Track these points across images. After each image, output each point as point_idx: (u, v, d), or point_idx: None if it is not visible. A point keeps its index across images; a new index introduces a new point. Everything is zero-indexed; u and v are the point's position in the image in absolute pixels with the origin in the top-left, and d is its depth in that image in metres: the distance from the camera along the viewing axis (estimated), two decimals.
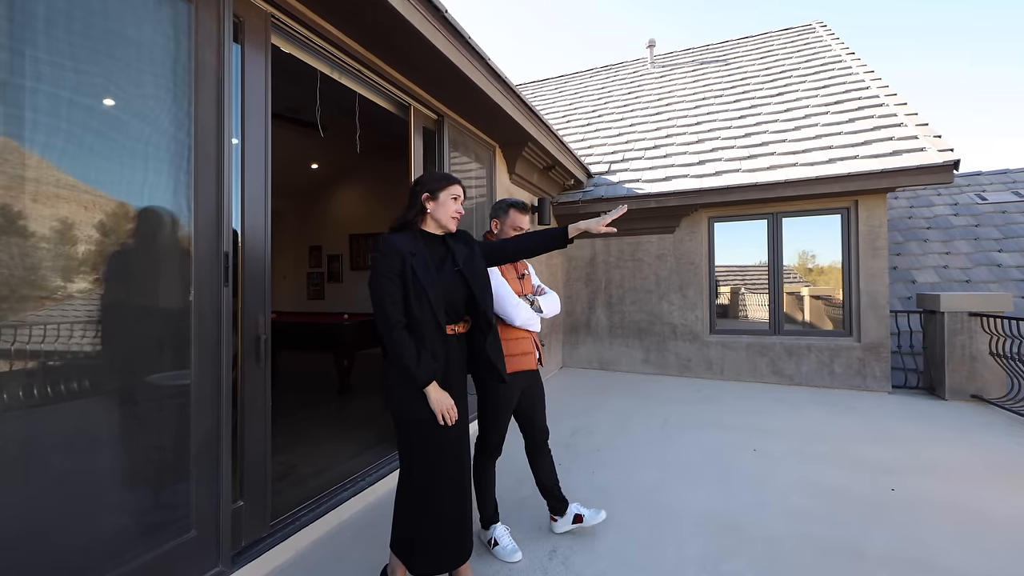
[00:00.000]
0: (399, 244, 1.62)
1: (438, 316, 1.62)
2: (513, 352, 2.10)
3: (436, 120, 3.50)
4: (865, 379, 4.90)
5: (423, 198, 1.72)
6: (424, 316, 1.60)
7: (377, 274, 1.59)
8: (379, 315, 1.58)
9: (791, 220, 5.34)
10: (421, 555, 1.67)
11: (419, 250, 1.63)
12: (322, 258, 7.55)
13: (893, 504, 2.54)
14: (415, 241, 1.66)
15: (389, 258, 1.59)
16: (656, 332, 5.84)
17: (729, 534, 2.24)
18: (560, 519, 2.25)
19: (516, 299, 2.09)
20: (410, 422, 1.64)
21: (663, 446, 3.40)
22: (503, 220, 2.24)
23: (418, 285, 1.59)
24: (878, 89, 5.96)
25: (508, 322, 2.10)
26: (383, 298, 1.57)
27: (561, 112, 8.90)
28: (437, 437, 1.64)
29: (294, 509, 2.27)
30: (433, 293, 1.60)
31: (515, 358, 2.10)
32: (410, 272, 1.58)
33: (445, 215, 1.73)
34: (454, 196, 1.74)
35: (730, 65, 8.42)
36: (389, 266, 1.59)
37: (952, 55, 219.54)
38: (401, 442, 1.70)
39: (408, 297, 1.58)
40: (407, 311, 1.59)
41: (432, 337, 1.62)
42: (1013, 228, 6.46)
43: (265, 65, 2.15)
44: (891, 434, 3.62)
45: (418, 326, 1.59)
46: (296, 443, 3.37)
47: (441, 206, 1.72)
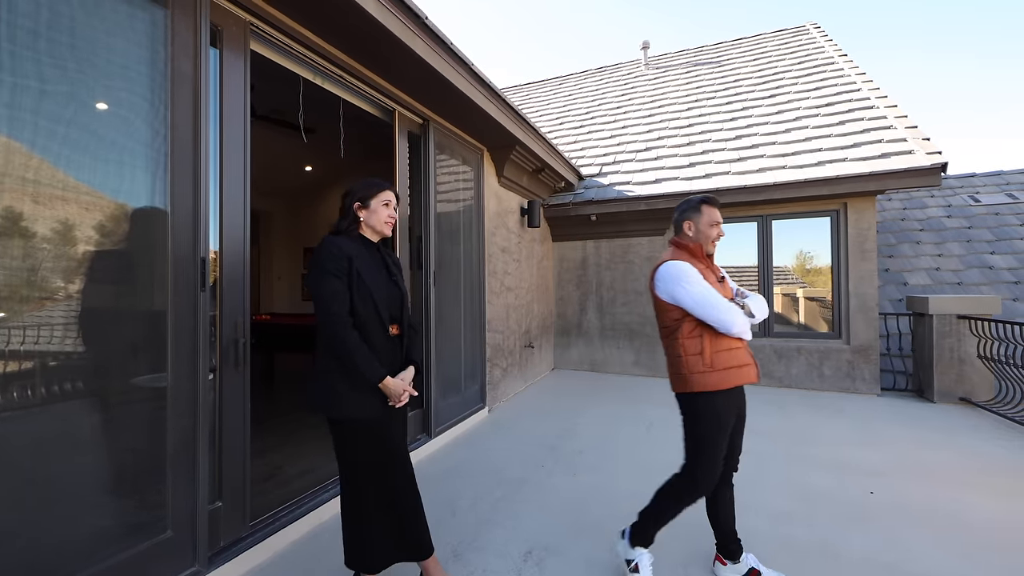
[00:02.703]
0: (344, 245, 1.66)
1: (383, 316, 1.68)
2: (728, 364, 1.80)
3: (421, 124, 3.53)
4: (854, 381, 4.91)
5: (355, 208, 1.75)
6: (369, 316, 1.65)
7: (324, 272, 1.61)
8: (325, 313, 1.59)
9: (780, 222, 5.36)
10: (380, 553, 1.72)
11: (360, 254, 1.68)
12: None
13: (875, 507, 2.55)
14: (355, 245, 1.70)
15: (336, 258, 1.62)
16: (647, 334, 5.86)
17: (708, 537, 2.25)
18: (730, 564, 1.95)
19: (729, 304, 1.78)
20: (356, 422, 1.66)
21: (647, 449, 3.42)
22: (697, 220, 1.90)
23: (364, 286, 1.63)
24: (869, 91, 5.98)
25: (723, 331, 1.78)
26: (330, 297, 1.59)
27: (555, 114, 8.93)
28: (383, 433, 1.69)
29: (275, 510, 2.30)
30: (378, 294, 1.67)
31: (732, 371, 1.80)
32: (355, 274, 1.63)
33: (379, 221, 1.76)
34: (385, 202, 1.77)
35: (724, 66, 8.44)
36: (337, 266, 1.61)
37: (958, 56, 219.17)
38: (343, 446, 1.70)
39: (352, 298, 1.62)
40: (352, 311, 1.62)
41: (377, 337, 1.67)
42: (1005, 230, 6.47)
43: (244, 71, 2.18)
44: (878, 437, 3.63)
45: (363, 326, 1.63)
46: (284, 444, 3.40)
47: (373, 213, 1.75)
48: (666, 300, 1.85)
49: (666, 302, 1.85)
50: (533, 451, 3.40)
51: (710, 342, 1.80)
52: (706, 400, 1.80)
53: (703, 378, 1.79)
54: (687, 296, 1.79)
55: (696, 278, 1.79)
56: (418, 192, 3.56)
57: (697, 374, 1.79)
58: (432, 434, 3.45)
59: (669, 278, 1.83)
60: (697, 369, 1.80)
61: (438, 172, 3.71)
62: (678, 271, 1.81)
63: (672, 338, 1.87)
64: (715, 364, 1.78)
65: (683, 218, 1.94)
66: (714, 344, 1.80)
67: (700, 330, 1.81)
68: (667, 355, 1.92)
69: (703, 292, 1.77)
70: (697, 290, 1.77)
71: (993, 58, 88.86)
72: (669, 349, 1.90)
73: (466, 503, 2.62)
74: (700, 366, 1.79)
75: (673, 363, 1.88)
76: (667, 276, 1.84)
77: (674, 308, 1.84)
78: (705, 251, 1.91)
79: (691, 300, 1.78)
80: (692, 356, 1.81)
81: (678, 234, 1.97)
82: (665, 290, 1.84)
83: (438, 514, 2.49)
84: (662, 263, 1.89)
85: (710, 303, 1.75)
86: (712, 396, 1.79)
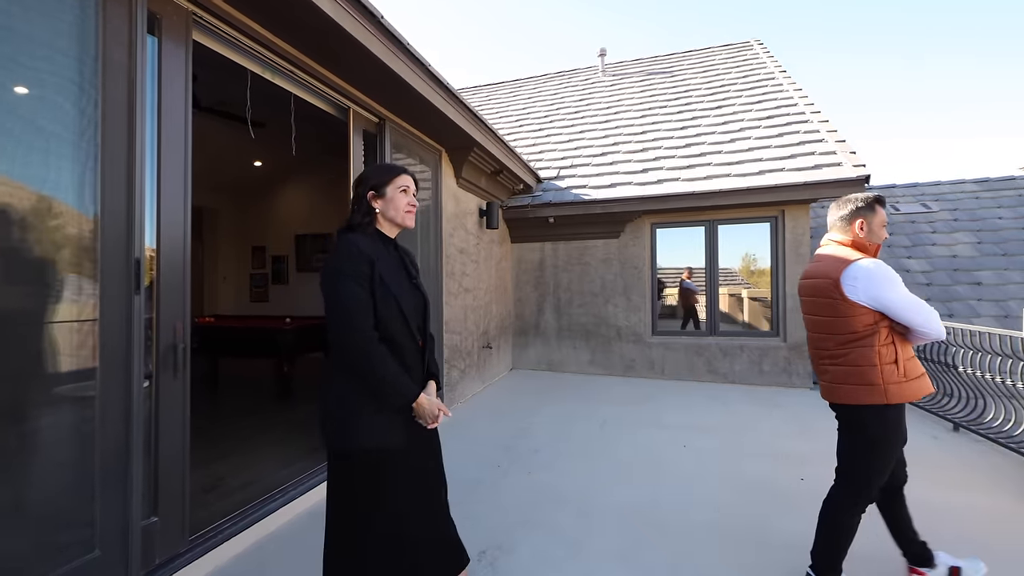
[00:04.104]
0: (366, 245, 1.40)
1: (411, 328, 1.44)
2: (917, 373, 1.71)
3: (377, 123, 3.47)
4: (790, 376, 5.26)
5: (369, 197, 1.48)
6: (397, 328, 1.40)
7: (342, 276, 1.34)
8: (346, 326, 1.32)
9: (726, 227, 5.66)
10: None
11: (381, 254, 1.43)
12: (266, 259, 7.27)
13: (803, 493, 2.75)
14: (374, 244, 1.44)
15: (356, 260, 1.35)
16: (602, 334, 6.02)
17: (651, 527, 2.37)
18: (929, 572, 1.88)
19: (931, 307, 1.69)
20: (379, 453, 1.37)
21: (600, 446, 3.53)
22: (870, 219, 1.80)
23: (388, 293, 1.38)
24: (805, 106, 6.41)
25: (929, 337, 1.68)
26: (353, 307, 1.32)
27: (514, 116, 9.00)
28: (413, 463, 1.43)
29: (217, 523, 2.20)
30: (405, 303, 1.42)
31: (921, 380, 1.72)
32: (379, 279, 1.37)
33: (398, 212, 1.49)
34: (402, 188, 1.50)
35: (675, 77, 8.79)
36: (357, 269, 1.34)
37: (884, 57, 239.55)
38: (361, 484, 1.38)
39: (377, 307, 1.36)
40: (376, 323, 1.37)
41: (407, 351, 1.42)
42: (920, 237, 7.11)
43: (185, 62, 2.08)
44: (809, 427, 3.92)
45: (390, 339, 1.38)
46: (229, 453, 3.26)
47: (390, 203, 1.49)
48: (862, 302, 1.68)
49: (860, 305, 1.68)
50: (489, 452, 3.43)
51: (902, 350, 1.70)
52: (896, 411, 1.72)
53: (899, 389, 1.68)
54: (897, 299, 1.65)
55: (900, 280, 1.68)
56: None
57: (893, 384, 1.68)
58: None
59: (873, 278, 1.66)
60: (893, 379, 1.68)
61: None
62: (884, 271, 1.67)
63: (862, 345, 1.71)
64: (908, 373, 1.69)
65: (856, 216, 1.82)
66: (904, 352, 1.70)
67: (892, 337, 1.70)
68: (844, 364, 1.75)
69: (911, 295, 1.67)
70: (905, 292, 1.66)
71: (916, 59, 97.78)
72: (858, 358, 1.72)
73: None
74: (895, 376, 1.68)
75: (861, 373, 1.71)
76: (870, 276, 1.67)
77: (868, 312, 1.68)
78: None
79: (901, 303, 1.65)
80: (887, 365, 1.68)
81: (842, 232, 1.85)
82: (866, 291, 1.67)
83: None
84: (851, 263, 1.71)
85: (919, 306, 1.65)
86: (901, 407, 1.72)
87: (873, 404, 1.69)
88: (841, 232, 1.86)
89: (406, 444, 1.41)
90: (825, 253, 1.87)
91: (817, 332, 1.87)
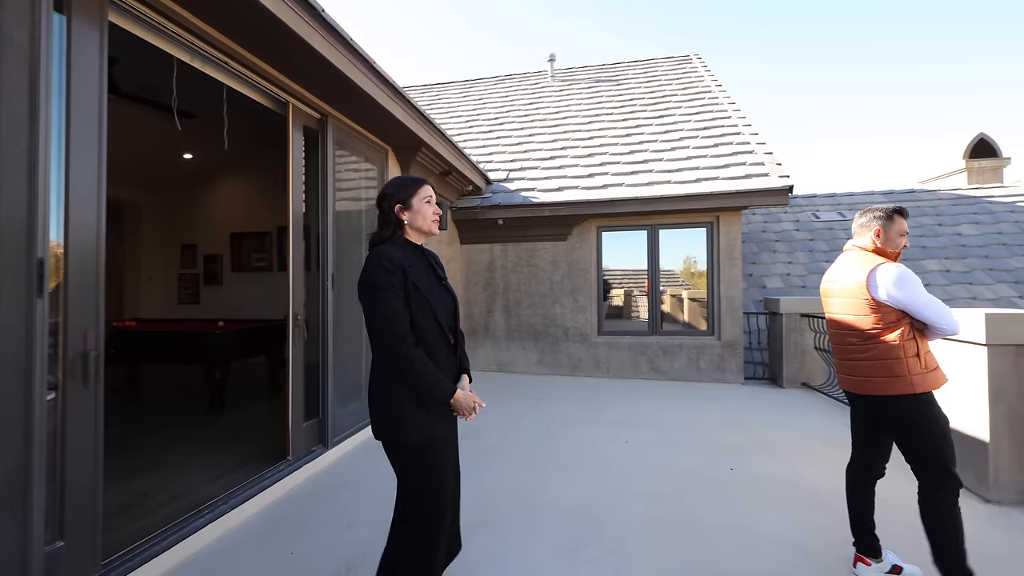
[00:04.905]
0: (398, 256, 1.52)
1: (444, 328, 1.58)
2: (935, 365, 1.90)
3: (319, 119, 3.35)
4: (724, 373, 5.61)
5: (396, 211, 1.60)
6: (431, 330, 1.54)
7: (379, 290, 1.47)
8: (388, 336, 1.46)
9: (666, 231, 5.94)
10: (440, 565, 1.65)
11: (412, 262, 1.56)
12: (197, 258, 6.81)
13: (732, 482, 2.94)
14: (405, 253, 1.57)
15: (392, 272, 1.48)
16: (550, 334, 6.14)
17: (592, 522, 2.45)
18: (874, 564, 2.02)
19: (947, 306, 1.87)
20: (425, 443, 1.54)
21: (546, 444, 3.60)
22: (888, 227, 1.98)
23: (421, 297, 1.52)
24: (738, 119, 6.86)
25: (947, 333, 1.87)
26: (392, 316, 1.46)
27: (465, 117, 8.97)
28: (446, 452, 1.61)
29: (135, 543, 2.04)
30: (436, 305, 1.56)
31: (939, 371, 1.90)
32: (412, 286, 1.50)
33: (425, 221, 1.62)
34: (427, 199, 1.63)
35: (621, 85, 9.12)
36: (392, 281, 1.48)
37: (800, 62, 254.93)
38: (414, 469, 1.56)
39: (413, 313, 1.50)
40: (412, 327, 1.50)
41: (440, 351, 1.57)
42: (837, 242, 7.80)
43: (100, 44, 1.91)
44: (740, 420, 4.19)
45: (425, 341, 1.52)
46: (152, 467, 3.02)
47: (418, 214, 1.61)
48: (886, 302, 1.87)
49: (884, 304, 1.88)
50: None
51: (921, 344, 1.89)
52: (928, 398, 1.88)
53: (922, 379, 1.86)
54: (917, 298, 1.84)
55: (919, 281, 1.87)
56: (315, 189, 3.37)
57: (917, 375, 1.85)
58: (329, 444, 3.29)
59: (897, 280, 1.85)
60: (916, 371, 1.86)
61: (338, 170, 3.55)
62: (906, 274, 1.86)
63: (885, 341, 1.89)
64: (927, 365, 1.87)
65: (872, 224, 2.01)
66: (923, 346, 1.89)
67: (913, 332, 1.88)
68: (872, 359, 1.92)
69: (929, 295, 1.85)
70: (924, 292, 1.85)
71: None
72: (884, 352, 1.89)
73: (364, 514, 2.55)
74: (918, 367, 1.86)
75: (888, 367, 1.88)
76: (893, 279, 1.86)
77: (892, 311, 1.87)
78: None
79: (920, 302, 1.84)
80: (911, 358, 1.86)
81: (862, 238, 2.04)
82: (889, 292, 1.86)
83: (333, 529, 2.40)
84: (876, 266, 1.91)
85: (936, 305, 1.84)
86: (932, 394, 1.88)
87: (904, 394, 1.86)
88: (860, 238, 2.07)
89: (446, 434, 1.59)
90: (849, 257, 2.07)
91: (842, 329, 2.04)
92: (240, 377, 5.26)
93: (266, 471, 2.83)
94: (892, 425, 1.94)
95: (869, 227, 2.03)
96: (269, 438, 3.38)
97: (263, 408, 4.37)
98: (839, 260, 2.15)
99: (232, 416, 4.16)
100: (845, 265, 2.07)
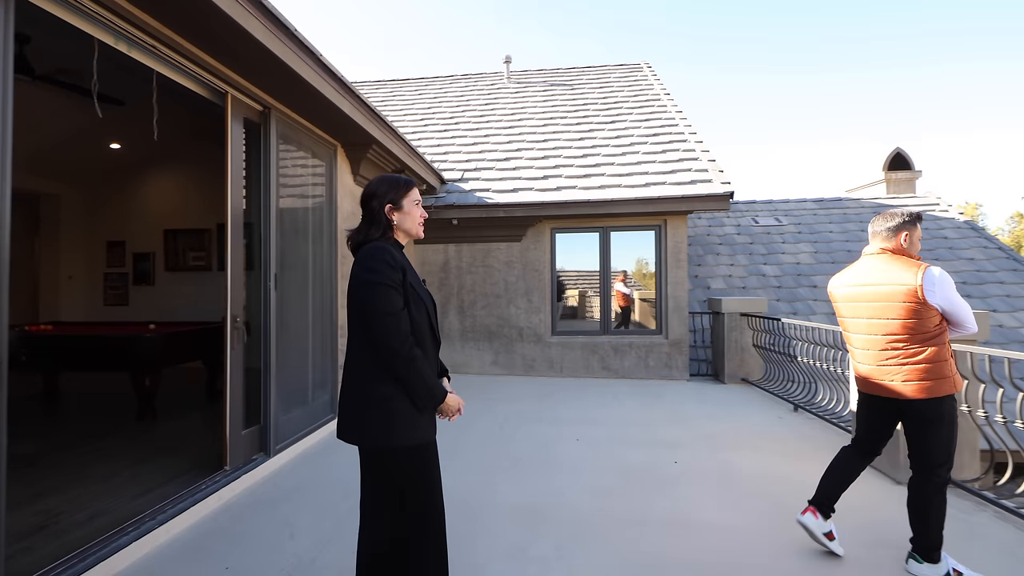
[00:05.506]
0: (396, 253, 1.49)
1: (435, 329, 1.57)
2: (955, 370, 1.95)
3: (261, 112, 3.20)
4: (671, 370, 5.84)
5: (387, 211, 1.54)
6: (424, 331, 1.51)
7: (383, 287, 1.42)
8: (391, 335, 1.40)
9: (617, 234, 6.11)
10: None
11: (405, 264, 1.52)
12: (126, 256, 6.32)
13: (676, 474, 3.07)
14: (399, 254, 1.53)
15: (395, 269, 1.44)
16: (504, 335, 6.16)
17: (541, 520, 2.48)
18: (820, 519, 2.13)
19: None
20: (421, 447, 1.52)
21: (499, 445, 3.61)
22: (912, 232, 2.03)
23: (418, 298, 1.49)
24: (684, 127, 7.16)
25: (963, 333, 1.94)
26: (397, 313, 1.42)
27: (420, 115, 8.85)
28: (434, 453, 1.62)
29: (46, 567, 1.86)
30: (429, 305, 1.55)
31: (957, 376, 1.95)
32: (409, 286, 1.47)
33: (413, 224, 1.59)
34: (416, 201, 1.60)
35: (575, 90, 9.30)
36: (396, 278, 1.44)
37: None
38: (414, 474, 1.53)
39: (411, 313, 1.47)
40: (411, 327, 1.47)
41: (431, 351, 1.55)
42: (774, 246, 8.32)
43: (4, 19, 1.74)
44: (684, 415, 4.37)
45: (421, 342, 1.49)
46: (69, 484, 2.77)
47: (407, 215, 1.57)
48: (937, 305, 1.88)
49: (933, 307, 1.89)
50: None
51: (950, 346, 1.95)
52: (955, 399, 1.96)
53: (956, 378, 1.94)
54: (959, 301, 1.88)
55: (950, 281, 1.90)
56: (258, 185, 3.22)
57: (950, 377, 1.92)
58: (271, 452, 3.15)
59: (945, 284, 1.88)
60: (953, 371, 1.93)
61: (283, 165, 3.40)
62: (949, 277, 1.90)
63: (936, 344, 1.91)
64: (954, 367, 1.94)
65: (902, 228, 2.02)
66: (951, 347, 1.95)
67: (946, 336, 1.93)
68: (923, 362, 1.92)
69: (959, 299, 1.89)
70: (959, 296, 1.90)
71: None
72: (934, 355, 1.91)
73: (307, 523, 2.46)
74: (953, 367, 1.94)
75: (938, 369, 1.91)
76: (944, 282, 1.88)
77: (937, 313, 1.90)
78: None
79: (959, 303, 1.88)
80: (947, 361, 1.92)
81: (886, 241, 2.06)
82: (942, 295, 1.87)
83: (273, 540, 2.29)
84: (926, 269, 1.90)
85: (967, 307, 1.90)
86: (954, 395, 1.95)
87: (940, 396, 1.91)
88: (885, 241, 2.07)
89: (433, 435, 1.58)
90: (878, 261, 2.05)
91: (885, 334, 1.99)
92: (175, 384, 4.93)
93: (200, 483, 2.66)
94: (918, 421, 1.97)
95: (896, 231, 2.03)
96: (205, 448, 3.19)
97: (199, 416, 4.11)
98: (863, 264, 2.12)
99: (164, 426, 3.88)
100: (876, 268, 2.05)
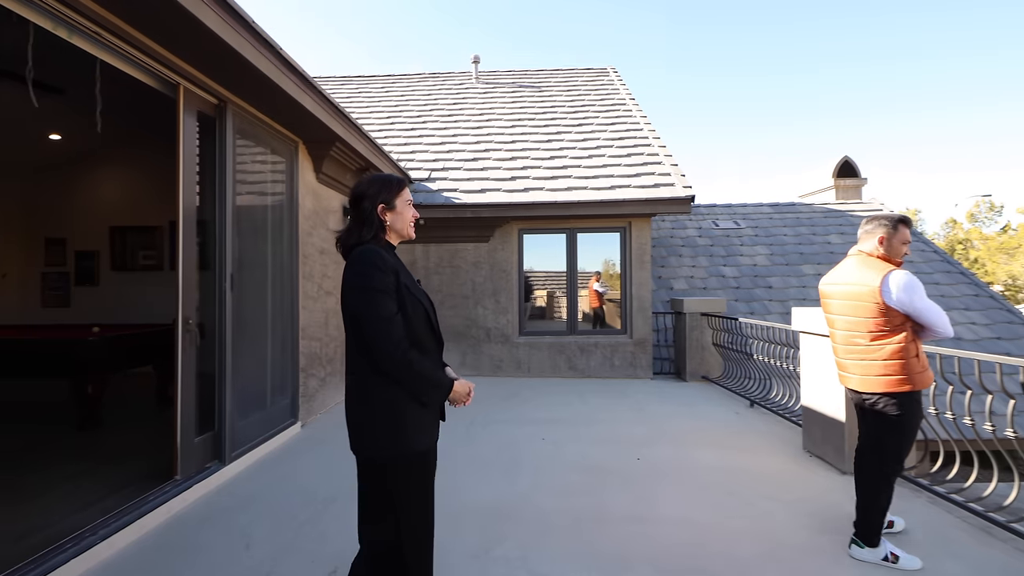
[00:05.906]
0: (389, 257, 1.44)
1: (434, 327, 1.53)
2: (925, 365, 2.05)
3: (216, 105, 3.08)
4: (635, 369, 5.97)
5: (379, 211, 1.48)
6: (423, 331, 1.47)
7: (376, 292, 1.37)
8: (387, 340, 1.35)
9: (584, 235, 6.21)
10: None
11: (398, 265, 1.47)
12: (67, 255, 5.93)
13: (638, 471, 3.14)
14: (392, 255, 1.49)
15: (387, 273, 1.39)
16: (472, 336, 6.14)
17: (505, 520, 2.48)
18: None
19: (943, 311, 2.02)
20: (420, 455, 1.46)
21: (466, 446, 3.59)
22: (892, 235, 2.10)
23: (414, 299, 1.45)
24: (648, 132, 7.35)
25: (942, 335, 2.02)
26: (391, 318, 1.37)
27: (386, 113, 8.71)
28: (433, 461, 1.54)
29: None
30: (426, 305, 1.51)
31: (928, 371, 2.05)
32: (404, 288, 1.43)
33: (405, 224, 1.54)
34: (408, 201, 1.56)
35: (543, 92, 9.38)
36: (388, 282, 1.39)
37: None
38: (411, 485, 1.46)
39: (407, 314, 1.42)
40: (408, 329, 1.42)
41: (434, 351, 1.52)
42: (733, 248, 8.64)
43: None
44: (648, 413, 4.49)
45: (419, 342, 1.45)
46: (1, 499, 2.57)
47: (400, 216, 1.52)
48: (895, 306, 1.99)
49: (892, 307, 2.00)
50: (347, 466, 3.22)
51: (919, 345, 2.05)
52: (918, 396, 2.06)
53: (921, 377, 2.03)
54: (923, 304, 1.98)
55: (923, 287, 2.01)
56: (212, 181, 3.08)
57: (917, 374, 2.01)
58: (226, 460, 3.02)
59: (906, 287, 1.98)
60: (916, 369, 2.02)
61: (240, 161, 3.28)
62: (915, 281, 1.99)
63: (891, 342, 2.02)
64: (923, 364, 2.05)
65: (878, 232, 2.12)
66: (920, 346, 2.05)
67: (913, 335, 2.02)
68: (880, 359, 2.05)
69: (931, 301, 2.00)
70: (927, 298, 1.99)
71: None
72: (892, 353, 2.02)
73: (264, 532, 2.37)
74: (917, 367, 2.02)
75: (896, 366, 2.02)
76: (904, 285, 1.98)
77: (898, 314, 2.00)
78: None
79: (924, 307, 1.98)
80: (913, 358, 2.01)
81: (866, 245, 2.16)
82: (899, 297, 1.98)
83: (228, 552, 2.21)
84: (888, 272, 2.02)
85: (936, 311, 1.99)
86: (920, 392, 2.06)
87: (901, 391, 2.03)
88: (863, 244, 2.20)
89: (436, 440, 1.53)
90: (853, 262, 2.19)
91: (848, 330, 2.16)
92: (122, 390, 4.66)
93: (147, 494, 2.53)
94: (873, 417, 2.12)
95: (874, 234, 2.15)
96: (153, 456, 3.03)
97: (148, 424, 3.90)
98: (842, 264, 2.27)
99: (109, 436, 3.66)
100: (849, 269, 2.19)
